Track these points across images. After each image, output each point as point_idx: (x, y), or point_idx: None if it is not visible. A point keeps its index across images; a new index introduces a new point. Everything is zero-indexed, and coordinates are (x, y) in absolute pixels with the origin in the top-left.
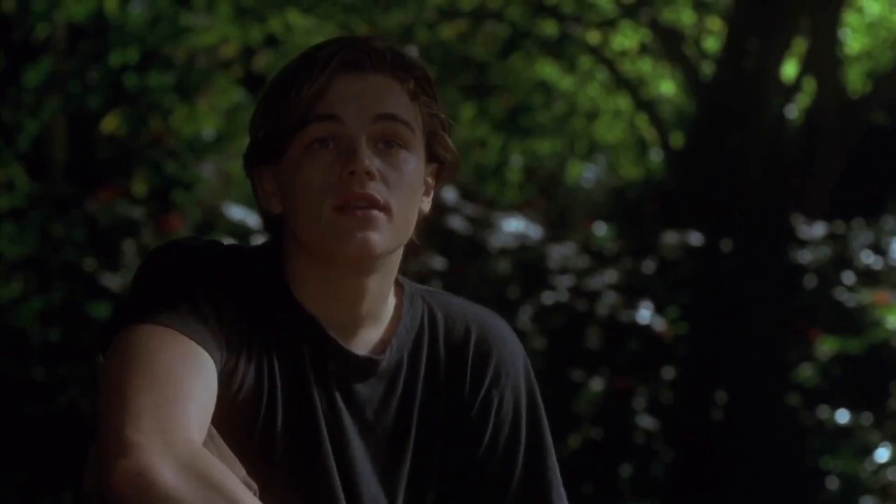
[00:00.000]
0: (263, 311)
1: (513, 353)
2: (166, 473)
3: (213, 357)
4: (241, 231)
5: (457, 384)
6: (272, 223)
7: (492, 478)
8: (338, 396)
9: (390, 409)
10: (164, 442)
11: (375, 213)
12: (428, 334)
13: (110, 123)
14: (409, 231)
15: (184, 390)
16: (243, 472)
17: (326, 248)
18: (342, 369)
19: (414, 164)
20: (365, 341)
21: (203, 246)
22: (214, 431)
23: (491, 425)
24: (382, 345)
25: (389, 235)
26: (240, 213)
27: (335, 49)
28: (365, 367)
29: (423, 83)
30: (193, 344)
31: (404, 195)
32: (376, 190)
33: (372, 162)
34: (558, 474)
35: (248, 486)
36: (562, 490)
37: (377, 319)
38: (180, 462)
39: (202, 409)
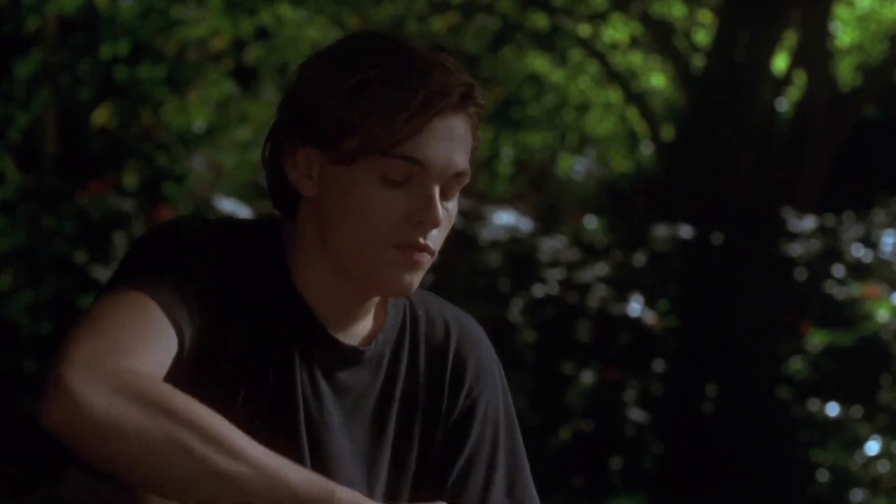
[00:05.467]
0: (257, 292)
1: (489, 356)
2: (96, 398)
3: (179, 328)
4: None
5: (437, 384)
6: (285, 198)
7: (475, 481)
8: (321, 381)
9: (371, 399)
10: (94, 372)
11: (427, 256)
12: (409, 331)
13: (101, 116)
14: None
15: (135, 344)
16: None
17: (366, 275)
18: (327, 356)
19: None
20: (354, 332)
21: (204, 224)
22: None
23: (475, 430)
24: (369, 338)
25: (425, 271)
26: (230, 206)
27: (446, 84)
28: (351, 355)
29: (481, 116)
30: (161, 309)
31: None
32: (434, 239)
33: (441, 213)
34: (530, 474)
35: None
36: (534, 490)
37: (368, 313)
38: (114, 386)
39: (155, 361)
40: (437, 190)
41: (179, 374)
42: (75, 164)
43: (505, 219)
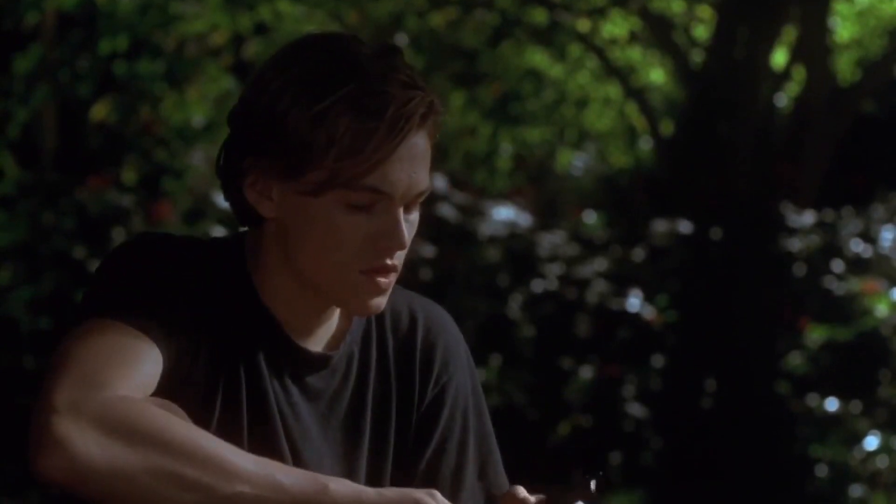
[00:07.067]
0: (222, 308)
1: (457, 340)
2: (88, 445)
3: (160, 348)
4: (231, 219)
5: (407, 374)
6: (245, 210)
7: (447, 465)
8: (293, 389)
9: (344, 401)
10: (81, 415)
11: (393, 277)
12: (376, 326)
13: (100, 111)
14: None
15: (117, 371)
16: None
17: (333, 296)
18: (296, 364)
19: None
20: (321, 337)
21: (166, 242)
22: (181, 412)
23: (445, 414)
24: (336, 339)
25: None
26: None
27: (407, 105)
28: (319, 361)
29: (440, 122)
30: (137, 333)
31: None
32: (400, 257)
33: (406, 234)
34: (500, 456)
35: None
36: (503, 471)
37: (333, 317)
38: (103, 427)
39: (139, 384)
40: (401, 212)
41: (157, 395)
42: (74, 159)
43: (504, 214)
